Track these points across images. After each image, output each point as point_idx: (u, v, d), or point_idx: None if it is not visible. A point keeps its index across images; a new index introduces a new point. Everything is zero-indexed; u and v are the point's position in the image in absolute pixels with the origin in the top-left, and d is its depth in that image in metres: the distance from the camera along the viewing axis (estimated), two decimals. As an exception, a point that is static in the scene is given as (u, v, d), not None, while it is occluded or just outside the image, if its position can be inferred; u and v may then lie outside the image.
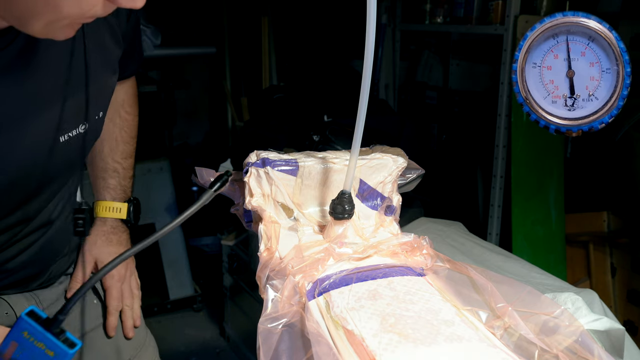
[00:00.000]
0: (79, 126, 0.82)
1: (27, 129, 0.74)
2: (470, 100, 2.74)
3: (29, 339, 0.66)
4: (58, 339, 0.66)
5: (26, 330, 0.66)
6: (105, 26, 0.85)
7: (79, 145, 0.83)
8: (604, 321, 0.99)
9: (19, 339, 0.66)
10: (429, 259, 0.77)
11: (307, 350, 0.62)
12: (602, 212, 2.19)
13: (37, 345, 0.66)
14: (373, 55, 0.68)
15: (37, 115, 0.75)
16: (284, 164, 0.86)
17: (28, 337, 0.66)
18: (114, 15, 0.80)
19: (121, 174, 1.08)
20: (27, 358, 0.67)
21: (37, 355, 0.66)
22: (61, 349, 0.67)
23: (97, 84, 0.84)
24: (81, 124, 0.82)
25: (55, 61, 0.76)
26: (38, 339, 0.66)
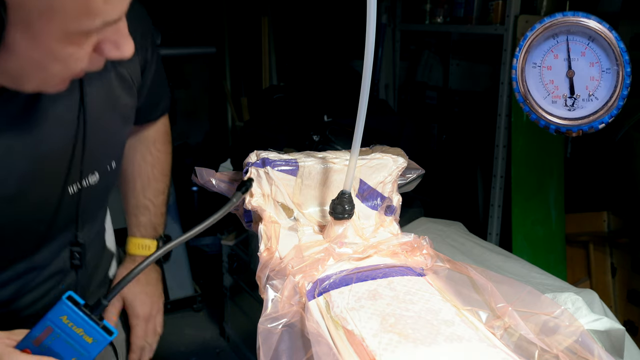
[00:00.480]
0: (88, 177, 0.81)
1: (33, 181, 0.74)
2: (470, 100, 2.74)
3: (68, 324, 0.64)
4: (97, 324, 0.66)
5: (65, 315, 0.64)
6: (115, 77, 0.85)
7: (91, 196, 0.83)
8: (604, 321, 0.99)
9: (56, 323, 0.64)
10: (429, 259, 0.77)
11: (307, 350, 0.62)
12: (602, 212, 2.18)
13: (75, 330, 0.65)
14: (373, 55, 0.68)
15: (43, 167, 0.75)
16: (284, 164, 0.86)
17: (67, 322, 0.64)
18: (126, 67, 0.82)
19: (152, 211, 1.08)
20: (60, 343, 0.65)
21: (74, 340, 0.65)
22: (101, 334, 0.65)
23: (105, 134, 0.84)
24: (91, 175, 0.81)
25: (60, 112, 0.75)
26: (77, 324, 0.64)
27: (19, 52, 0.53)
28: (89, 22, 0.54)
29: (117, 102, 0.86)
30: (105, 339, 0.66)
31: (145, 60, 0.93)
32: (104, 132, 0.83)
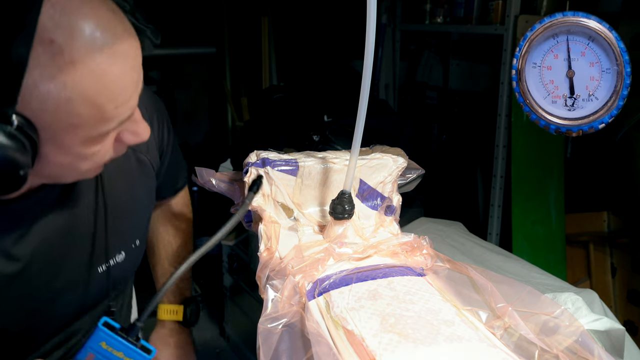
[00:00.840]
0: (115, 256, 0.86)
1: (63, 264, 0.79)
2: (470, 100, 2.74)
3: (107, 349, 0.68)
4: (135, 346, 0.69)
5: (104, 341, 0.68)
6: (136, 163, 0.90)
7: (119, 273, 0.88)
8: (604, 321, 0.99)
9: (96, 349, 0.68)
10: (429, 259, 0.77)
11: (307, 350, 0.62)
12: (602, 212, 2.18)
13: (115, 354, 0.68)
14: (373, 55, 0.68)
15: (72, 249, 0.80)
16: (284, 164, 0.86)
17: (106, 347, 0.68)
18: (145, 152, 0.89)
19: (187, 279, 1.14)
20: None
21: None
22: (140, 354, 0.69)
23: (128, 215, 0.89)
24: (118, 254, 0.87)
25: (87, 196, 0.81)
26: (116, 347, 0.68)
27: (52, 160, 0.61)
28: (106, 126, 0.61)
29: (137, 186, 0.91)
30: (144, 358, 0.70)
31: (163, 144, 0.99)
32: (127, 214, 0.88)
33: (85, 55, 0.56)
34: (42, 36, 0.54)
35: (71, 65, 0.55)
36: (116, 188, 0.84)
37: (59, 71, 0.55)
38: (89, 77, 0.57)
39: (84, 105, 0.58)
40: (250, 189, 0.73)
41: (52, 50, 0.54)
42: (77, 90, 0.56)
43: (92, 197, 0.81)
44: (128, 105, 0.63)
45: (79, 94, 0.57)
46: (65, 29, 0.55)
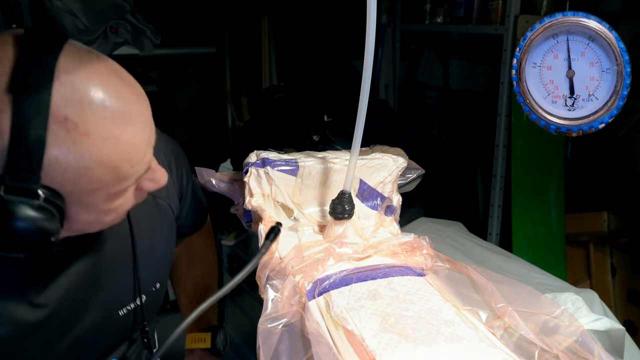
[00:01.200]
0: (136, 299, 0.89)
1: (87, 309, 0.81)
2: (470, 100, 2.74)
3: None
4: None
5: None
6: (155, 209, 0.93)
7: (140, 314, 0.91)
8: (604, 321, 0.99)
9: None
10: (429, 259, 0.77)
11: (307, 350, 0.62)
12: (602, 212, 2.18)
13: None
14: (373, 55, 0.68)
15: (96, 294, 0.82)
16: (284, 164, 0.86)
17: None
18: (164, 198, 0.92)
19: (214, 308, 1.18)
20: None
21: None
22: None
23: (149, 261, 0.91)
24: (137, 298, 0.89)
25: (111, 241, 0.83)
26: None
27: (78, 219, 0.65)
28: (125, 183, 0.65)
29: (158, 231, 0.94)
30: None
31: (182, 188, 1.01)
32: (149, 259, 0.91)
33: (98, 125, 0.59)
34: (56, 115, 0.57)
35: (86, 136, 0.58)
36: (138, 234, 0.87)
37: (76, 144, 0.58)
38: (104, 145, 0.60)
39: (102, 170, 0.61)
40: (267, 237, 0.74)
41: (67, 127, 0.57)
42: (94, 159, 0.60)
43: (115, 242, 0.84)
44: (144, 161, 0.66)
45: (96, 162, 0.60)
46: (76, 104, 0.58)
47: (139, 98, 0.65)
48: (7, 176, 0.56)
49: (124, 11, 2.52)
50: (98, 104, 0.59)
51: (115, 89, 0.61)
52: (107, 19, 2.49)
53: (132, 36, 2.58)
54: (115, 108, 0.60)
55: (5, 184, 0.56)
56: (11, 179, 0.56)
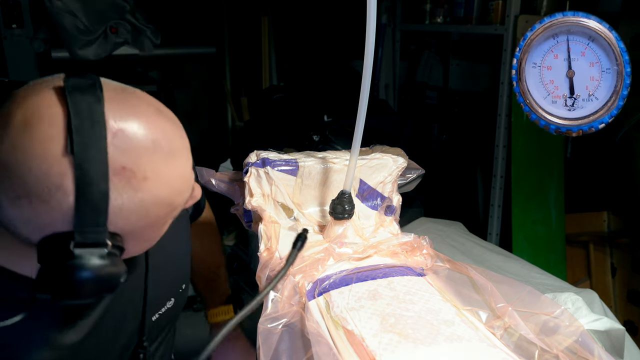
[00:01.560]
0: (166, 303, 0.90)
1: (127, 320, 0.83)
2: (470, 100, 2.74)
3: None
4: None
5: None
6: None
7: (170, 316, 0.92)
8: (604, 321, 0.99)
9: None
10: (429, 259, 0.77)
11: (307, 350, 0.62)
12: (602, 212, 2.18)
13: None
14: (373, 55, 0.68)
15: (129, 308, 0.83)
16: (284, 164, 0.86)
17: None
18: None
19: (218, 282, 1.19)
20: None
21: None
22: None
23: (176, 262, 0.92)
24: (168, 301, 0.91)
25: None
26: None
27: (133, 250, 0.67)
28: (176, 212, 0.68)
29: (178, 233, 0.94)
30: None
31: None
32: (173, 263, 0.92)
33: (154, 168, 0.61)
34: (115, 166, 0.58)
35: (144, 181, 0.60)
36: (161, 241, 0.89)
37: (136, 191, 0.60)
38: (160, 185, 0.62)
39: (159, 208, 0.63)
40: (294, 246, 0.73)
41: (126, 176, 0.59)
42: (152, 200, 0.61)
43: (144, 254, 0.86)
44: (191, 186, 0.68)
45: (154, 202, 0.62)
46: (130, 152, 0.59)
47: (180, 130, 0.66)
48: (75, 232, 0.57)
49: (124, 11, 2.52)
50: (150, 147, 0.60)
51: (160, 128, 0.62)
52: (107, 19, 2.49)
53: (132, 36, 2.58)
54: (165, 147, 0.62)
55: (75, 239, 0.57)
56: (79, 234, 0.57)
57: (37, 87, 0.59)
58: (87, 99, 0.58)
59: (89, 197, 0.56)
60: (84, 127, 0.56)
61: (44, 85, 0.59)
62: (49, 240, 0.57)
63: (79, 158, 0.55)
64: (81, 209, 0.56)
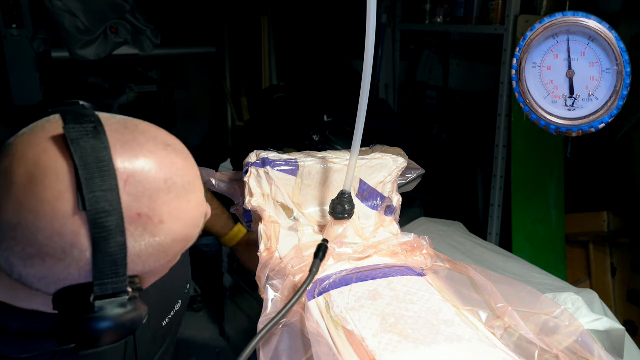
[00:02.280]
0: (175, 306, 0.90)
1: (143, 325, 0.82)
2: (470, 100, 2.74)
3: None
4: None
5: None
6: None
7: (178, 318, 0.92)
8: (604, 321, 0.99)
9: None
10: (429, 259, 0.77)
11: (307, 350, 0.62)
12: (602, 212, 2.18)
13: None
14: (373, 55, 0.68)
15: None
16: (284, 164, 0.86)
17: None
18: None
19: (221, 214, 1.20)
20: None
21: None
22: None
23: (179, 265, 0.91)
24: (176, 304, 0.90)
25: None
26: None
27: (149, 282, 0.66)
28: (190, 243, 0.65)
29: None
30: None
31: None
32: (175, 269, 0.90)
33: (170, 208, 0.59)
34: (130, 215, 0.56)
35: (161, 224, 0.58)
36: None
37: (154, 235, 0.58)
38: (177, 224, 0.60)
39: (177, 245, 0.62)
40: (315, 256, 0.73)
41: (143, 222, 0.57)
42: (170, 240, 0.60)
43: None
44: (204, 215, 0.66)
45: (172, 241, 0.60)
46: (144, 197, 0.57)
47: (190, 161, 0.64)
48: (95, 285, 0.55)
49: (124, 11, 2.52)
50: (163, 187, 0.58)
51: (171, 164, 0.60)
52: (107, 19, 2.50)
53: (132, 36, 2.58)
54: (179, 184, 0.60)
55: (95, 292, 0.55)
56: (99, 287, 0.55)
57: (34, 137, 0.55)
58: (92, 146, 0.54)
59: (106, 251, 0.54)
60: (94, 180, 0.53)
61: (42, 134, 0.55)
62: (66, 293, 0.56)
63: (92, 214, 0.53)
64: (99, 263, 0.54)
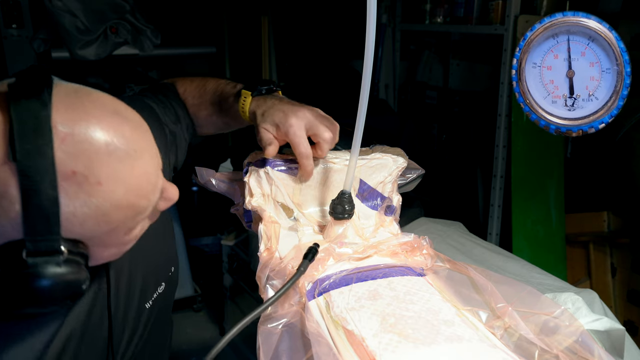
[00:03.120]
0: (157, 288, 0.90)
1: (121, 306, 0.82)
2: (470, 100, 2.74)
3: None
4: None
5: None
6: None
7: (163, 299, 0.92)
8: (604, 321, 0.99)
9: None
10: (429, 259, 0.77)
11: (307, 350, 0.62)
12: (602, 212, 2.18)
13: None
14: (373, 55, 0.68)
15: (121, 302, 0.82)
16: (283, 164, 0.86)
17: None
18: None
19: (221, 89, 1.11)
20: None
21: None
22: None
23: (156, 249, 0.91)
24: (159, 286, 0.90)
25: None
26: None
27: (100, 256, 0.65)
28: (142, 215, 0.65)
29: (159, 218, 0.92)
30: None
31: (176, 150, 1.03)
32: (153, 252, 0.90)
33: (108, 171, 0.59)
34: (64, 171, 0.56)
35: (98, 185, 0.58)
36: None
37: (90, 195, 0.58)
38: (117, 188, 0.60)
39: (119, 211, 0.61)
40: (305, 257, 0.73)
41: (78, 180, 0.57)
42: (109, 204, 0.59)
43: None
44: (157, 189, 0.66)
45: (112, 206, 0.60)
46: (81, 155, 0.57)
47: (140, 131, 0.64)
48: (27, 240, 0.56)
49: (124, 11, 2.52)
50: (103, 149, 0.58)
51: (114, 129, 0.60)
52: (107, 19, 2.49)
53: (132, 36, 2.58)
54: (121, 148, 0.60)
55: (27, 248, 0.56)
56: (31, 243, 0.56)
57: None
58: (32, 104, 0.55)
59: (36, 204, 0.55)
60: (28, 134, 0.54)
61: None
62: (3, 249, 0.56)
63: (21, 164, 0.54)
64: (30, 216, 0.55)
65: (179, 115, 1.06)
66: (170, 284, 0.94)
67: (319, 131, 0.84)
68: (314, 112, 0.88)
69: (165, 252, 0.94)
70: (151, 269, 0.88)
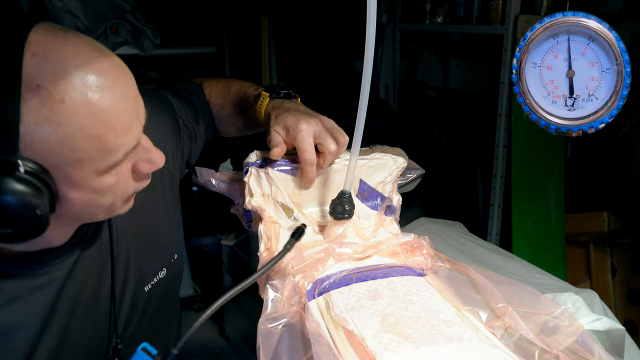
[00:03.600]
0: (158, 273, 0.90)
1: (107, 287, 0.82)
2: (470, 100, 2.74)
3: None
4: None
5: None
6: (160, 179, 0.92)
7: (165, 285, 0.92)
8: (604, 321, 0.99)
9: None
10: (429, 259, 0.77)
11: (307, 350, 0.62)
12: (602, 212, 2.18)
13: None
14: (373, 55, 0.68)
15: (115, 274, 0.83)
16: (284, 163, 0.86)
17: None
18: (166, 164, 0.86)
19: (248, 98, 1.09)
20: None
21: None
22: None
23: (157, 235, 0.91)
24: (160, 271, 0.90)
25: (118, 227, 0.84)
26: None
27: (72, 199, 0.64)
28: (112, 157, 0.64)
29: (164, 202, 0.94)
30: None
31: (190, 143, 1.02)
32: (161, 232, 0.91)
33: (74, 92, 0.59)
34: (28, 82, 0.57)
35: (61, 103, 0.58)
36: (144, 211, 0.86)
37: (52, 112, 0.58)
38: (82, 111, 0.59)
39: (83, 139, 0.60)
40: (292, 235, 0.74)
41: (41, 94, 0.57)
42: (73, 127, 0.59)
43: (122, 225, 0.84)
44: (130, 134, 0.65)
45: (76, 130, 0.59)
46: (49, 73, 0.58)
47: (117, 67, 0.64)
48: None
49: (124, 11, 2.52)
50: (72, 72, 0.59)
51: (90, 57, 0.61)
52: (107, 19, 2.49)
53: (132, 36, 2.58)
54: (91, 75, 0.60)
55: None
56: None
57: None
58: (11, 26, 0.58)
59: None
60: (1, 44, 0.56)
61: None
62: None
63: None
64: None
65: (197, 112, 1.07)
66: (172, 272, 0.93)
67: (325, 142, 0.84)
68: (327, 123, 0.88)
69: (167, 237, 0.93)
70: (150, 252, 0.88)
